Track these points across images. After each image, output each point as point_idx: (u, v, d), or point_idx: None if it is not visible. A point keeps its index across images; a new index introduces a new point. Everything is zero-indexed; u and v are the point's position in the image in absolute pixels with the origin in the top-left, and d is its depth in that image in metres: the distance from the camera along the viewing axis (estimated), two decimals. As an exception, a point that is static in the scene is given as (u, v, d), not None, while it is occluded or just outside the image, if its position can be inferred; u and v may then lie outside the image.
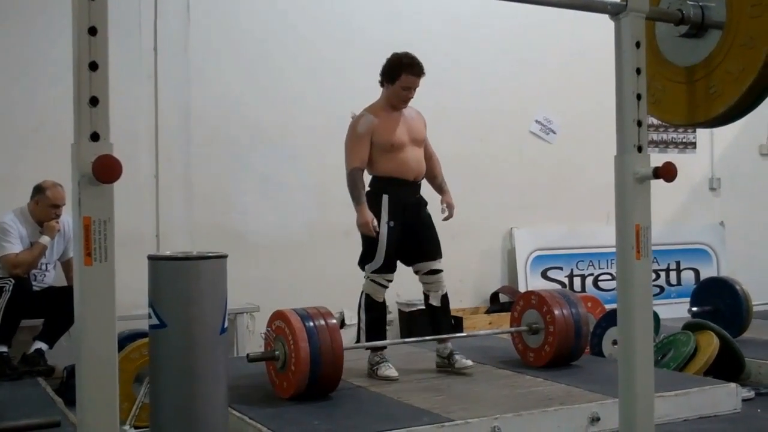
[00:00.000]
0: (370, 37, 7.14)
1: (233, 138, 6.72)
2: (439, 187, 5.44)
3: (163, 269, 3.34)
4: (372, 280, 5.12)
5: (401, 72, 5.06)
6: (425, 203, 5.29)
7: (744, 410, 4.77)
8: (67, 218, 5.67)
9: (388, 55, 5.42)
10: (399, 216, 5.10)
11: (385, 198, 5.10)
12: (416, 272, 5.28)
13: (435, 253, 5.25)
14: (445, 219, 5.35)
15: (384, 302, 5.22)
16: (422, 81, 5.11)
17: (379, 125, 5.11)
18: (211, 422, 3.35)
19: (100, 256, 1.97)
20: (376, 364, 5.08)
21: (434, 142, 5.42)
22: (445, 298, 5.27)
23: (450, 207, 5.36)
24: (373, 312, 5.16)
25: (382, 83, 5.19)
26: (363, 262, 5.17)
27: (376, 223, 5.04)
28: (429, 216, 5.29)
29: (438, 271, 5.25)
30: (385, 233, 5.06)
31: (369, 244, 5.11)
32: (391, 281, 5.17)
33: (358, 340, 5.30)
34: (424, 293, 5.31)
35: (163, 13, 6.46)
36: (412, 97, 5.17)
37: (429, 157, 5.38)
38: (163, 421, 3.33)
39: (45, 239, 5.61)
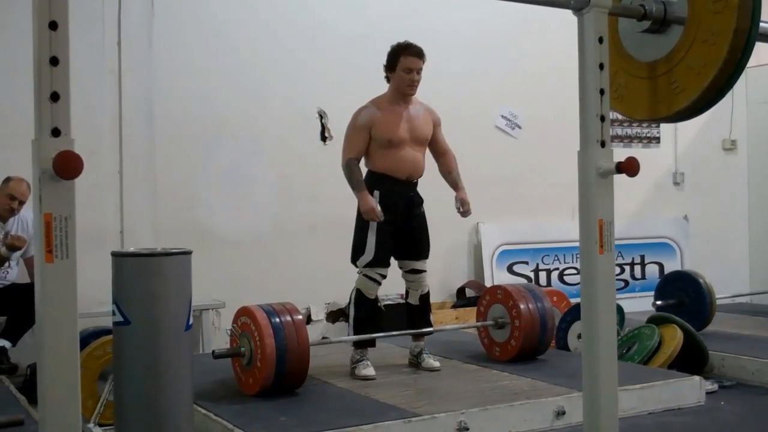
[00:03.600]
0: (335, 30, 7.15)
1: (198, 133, 6.68)
2: (454, 183, 5.32)
3: (126, 266, 3.31)
4: (365, 275, 5.05)
5: (399, 55, 5.00)
6: (420, 201, 5.23)
7: (708, 403, 4.82)
8: (28, 215, 5.61)
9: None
10: (390, 212, 5.04)
11: (377, 194, 5.05)
12: (400, 267, 5.25)
13: (419, 254, 5.21)
14: (462, 215, 5.26)
15: (376, 299, 5.14)
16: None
17: (380, 118, 5.04)
18: (176, 419, 3.33)
19: (62, 252, 1.95)
20: (355, 362, 5.02)
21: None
22: (423, 298, 5.25)
23: (464, 203, 5.23)
24: (363, 309, 5.07)
25: (387, 78, 5.09)
26: (355, 257, 5.10)
27: (380, 208, 4.98)
28: (422, 215, 5.23)
29: (420, 271, 5.22)
30: (375, 225, 5.00)
31: (359, 237, 5.07)
32: (384, 276, 5.09)
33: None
34: (406, 290, 5.31)
35: (127, 7, 6.39)
36: (418, 80, 5.04)
37: (443, 153, 5.33)
38: (127, 419, 3.30)
39: (3, 251, 5.58)
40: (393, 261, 5.20)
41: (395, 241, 5.10)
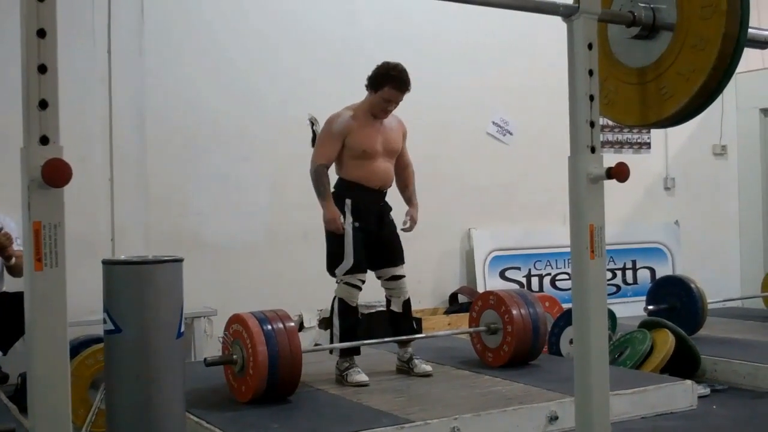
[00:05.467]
0: (327, 37, 7.14)
1: (189, 139, 6.66)
2: (408, 199, 5.39)
3: (117, 274, 3.30)
4: (345, 283, 5.03)
5: (385, 84, 4.98)
6: (389, 209, 5.24)
7: (700, 407, 4.84)
8: (3, 217, 5.52)
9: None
10: (363, 220, 5.07)
11: (348, 202, 5.06)
12: (378, 277, 5.25)
13: (397, 259, 5.22)
14: (404, 230, 5.32)
15: (357, 306, 5.14)
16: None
17: (355, 128, 5.04)
18: (168, 427, 3.32)
19: (51, 261, 1.94)
20: (345, 369, 5.00)
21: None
22: (406, 304, 5.25)
23: (412, 221, 5.32)
24: (349, 317, 5.06)
25: (367, 87, 5.09)
26: (332, 266, 5.07)
27: (343, 219, 5.01)
28: (392, 222, 5.24)
29: (399, 277, 5.21)
30: (351, 232, 5.00)
31: (335, 246, 5.05)
32: (364, 282, 5.09)
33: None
34: (386, 298, 5.29)
35: (117, 15, 6.38)
36: (392, 110, 5.10)
37: (404, 167, 5.35)
38: (119, 427, 3.29)
39: None
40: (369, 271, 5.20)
41: (368, 250, 5.10)
